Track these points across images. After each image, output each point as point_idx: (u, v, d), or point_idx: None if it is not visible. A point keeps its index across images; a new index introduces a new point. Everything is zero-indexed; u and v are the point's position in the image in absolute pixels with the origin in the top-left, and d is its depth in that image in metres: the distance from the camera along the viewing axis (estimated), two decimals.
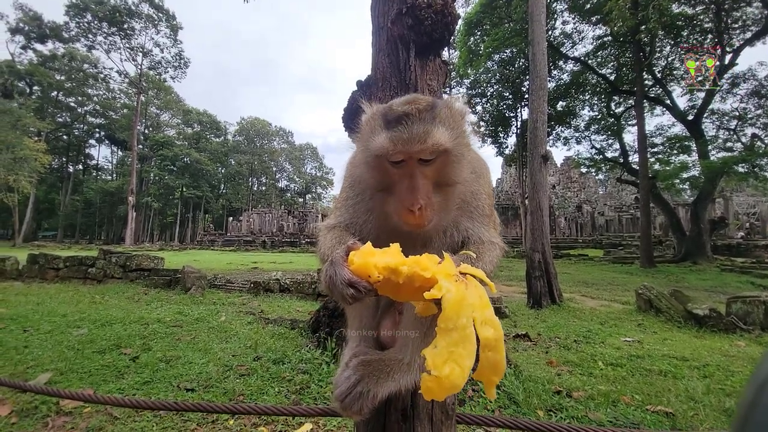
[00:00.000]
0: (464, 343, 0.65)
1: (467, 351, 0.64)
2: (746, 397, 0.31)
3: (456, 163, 0.96)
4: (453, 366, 0.63)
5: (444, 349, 0.64)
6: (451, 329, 0.65)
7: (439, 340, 0.66)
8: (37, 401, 2.81)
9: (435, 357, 0.64)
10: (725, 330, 5.74)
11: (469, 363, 0.64)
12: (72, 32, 46.28)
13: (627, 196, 40.25)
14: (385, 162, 0.92)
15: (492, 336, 0.67)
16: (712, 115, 22.50)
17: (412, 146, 0.88)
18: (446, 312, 0.66)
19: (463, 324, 0.65)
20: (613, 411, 2.91)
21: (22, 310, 5.93)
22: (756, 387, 0.30)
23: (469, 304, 0.67)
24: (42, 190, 50.30)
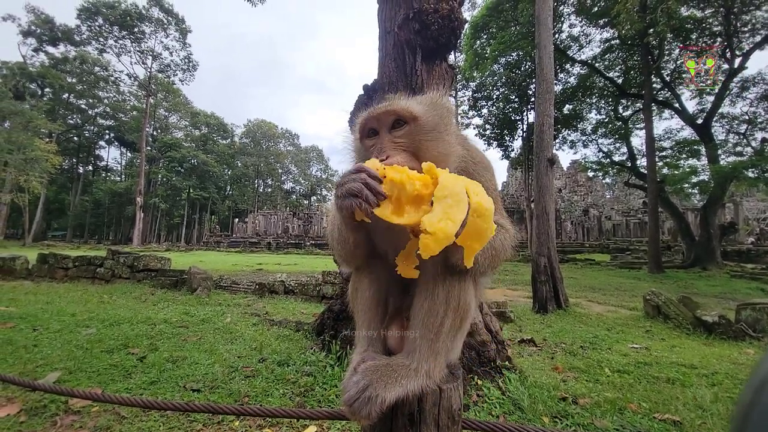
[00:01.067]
0: (458, 205, 0.71)
1: (460, 210, 0.71)
2: (745, 398, 0.31)
3: (431, 134, 1.00)
4: (446, 221, 0.70)
5: (439, 212, 0.71)
6: (446, 196, 0.72)
7: (435, 207, 0.72)
8: (45, 400, 2.84)
9: (430, 218, 0.71)
10: (734, 337, 5.65)
11: (460, 217, 0.70)
12: (83, 35, 47.21)
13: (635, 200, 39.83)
14: (365, 141, 1.02)
15: (484, 203, 0.72)
16: (722, 119, 22.23)
17: (380, 110, 0.99)
18: (442, 183, 0.73)
19: (457, 191, 0.72)
20: (619, 418, 2.88)
21: (32, 309, 6.02)
22: (754, 388, 0.30)
23: (463, 180, 0.75)
24: (52, 190, 51.13)
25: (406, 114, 0.99)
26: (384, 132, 0.99)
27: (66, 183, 57.02)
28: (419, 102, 1.04)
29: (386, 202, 0.78)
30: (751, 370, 0.32)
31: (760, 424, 0.29)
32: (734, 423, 0.31)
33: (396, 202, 0.78)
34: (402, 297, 1.09)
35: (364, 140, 1.02)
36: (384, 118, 0.99)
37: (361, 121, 1.02)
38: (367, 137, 1.01)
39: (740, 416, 0.30)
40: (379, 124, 1.00)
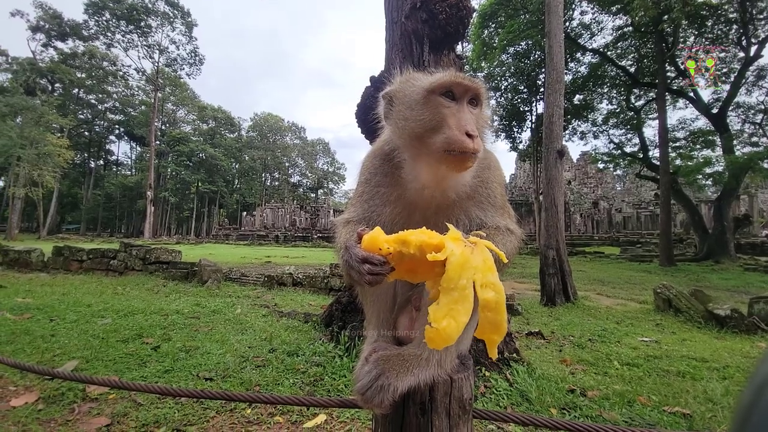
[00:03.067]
0: (462, 302, 0.71)
1: (464, 309, 0.70)
2: (745, 398, 0.30)
3: (485, 125, 1.05)
4: (450, 320, 0.70)
5: (444, 306, 0.71)
6: (452, 289, 0.72)
7: (441, 298, 0.72)
8: (63, 388, 2.93)
9: (436, 312, 0.71)
10: (747, 331, 5.56)
11: (464, 319, 0.70)
12: (91, 30, 47.52)
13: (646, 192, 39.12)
14: (437, 97, 0.99)
15: (492, 298, 0.71)
16: (738, 108, 21.61)
17: (473, 82, 1.00)
18: (448, 273, 0.72)
19: (463, 285, 0.71)
20: (628, 411, 2.88)
21: (48, 300, 6.19)
22: (755, 388, 0.30)
23: (471, 266, 0.73)
24: (65, 184, 52.12)
25: (482, 99, 1.04)
26: (464, 102, 1.00)
27: (78, 177, 58.06)
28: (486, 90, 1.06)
29: (398, 268, 0.79)
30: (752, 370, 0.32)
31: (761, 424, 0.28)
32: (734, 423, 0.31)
33: (408, 265, 0.78)
34: (411, 287, 1.10)
35: (440, 97, 0.99)
36: (471, 90, 1.00)
37: (448, 79, 0.98)
38: (444, 96, 0.99)
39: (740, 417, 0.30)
40: (463, 92, 1.00)
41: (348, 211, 1.16)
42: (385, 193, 1.10)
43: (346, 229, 1.07)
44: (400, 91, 1.06)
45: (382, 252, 0.77)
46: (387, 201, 1.09)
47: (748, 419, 0.29)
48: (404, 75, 1.09)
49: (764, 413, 0.28)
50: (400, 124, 1.03)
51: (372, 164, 1.15)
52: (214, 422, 2.56)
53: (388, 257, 0.77)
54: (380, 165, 1.13)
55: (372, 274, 0.77)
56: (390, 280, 0.81)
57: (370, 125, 5.20)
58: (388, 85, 1.12)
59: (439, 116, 0.97)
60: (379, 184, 1.11)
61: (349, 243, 0.81)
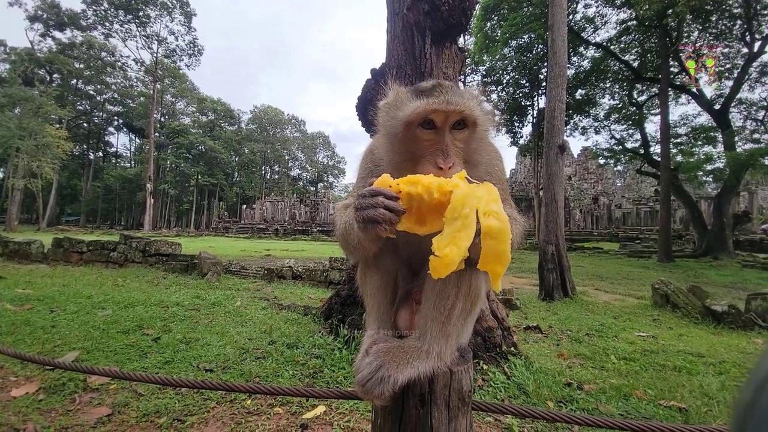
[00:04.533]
0: (465, 229, 0.72)
1: (466, 235, 0.72)
2: (744, 397, 0.30)
3: (480, 141, 1.00)
4: (452, 247, 0.71)
5: (448, 235, 0.72)
6: (455, 218, 0.73)
7: (445, 228, 0.74)
8: (64, 378, 2.94)
9: (439, 241, 0.73)
10: (743, 327, 5.60)
11: (466, 244, 0.72)
12: (89, 20, 46.93)
13: (646, 188, 39.12)
14: (416, 129, 0.94)
15: (495, 225, 0.72)
16: (740, 105, 21.48)
17: (448, 105, 0.91)
18: (453, 204, 0.74)
19: (466, 213, 0.72)
20: (624, 404, 2.91)
21: (49, 291, 6.20)
22: (754, 387, 0.29)
23: (476, 197, 0.74)
24: (64, 176, 51.98)
25: (471, 119, 0.95)
26: (447, 130, 0.93)
27: (77, 169, 57.88)
28: (473, 101, 0.97)
29: (407, 215, 0.79)
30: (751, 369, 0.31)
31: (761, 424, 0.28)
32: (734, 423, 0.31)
33: (417, 213, 0.78)
34: (411, 280, 1.10)
35: (418, 130, 0.93)
36: (452, 115, 0.93)
37: (423, 109, 0.91)
38: (423, 128, 0.93)
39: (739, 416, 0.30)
40: (443, 120, 0.93)
41: (350, 194, 1.16)
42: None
43: (345, 212, 1.06)
44: (382, 115, 1.02)
45: (393, 189, 0.78)
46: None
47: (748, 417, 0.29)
48: (392, 93, 1.02)
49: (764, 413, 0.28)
50: (382, 149, 1.02)
51: (367, 165, 1.15)
52: (215, 412, 2.59)
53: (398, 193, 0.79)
54: (373, 168, 1.12)
55: (386, 208, 0.77)
56: (400, 228, 0.80)
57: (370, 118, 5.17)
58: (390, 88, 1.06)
59: (417, 148, 0.94)
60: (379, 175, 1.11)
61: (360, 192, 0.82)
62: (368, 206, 0.78)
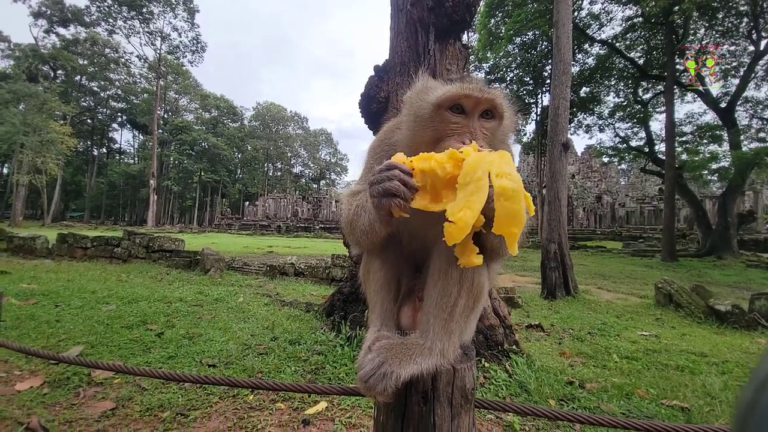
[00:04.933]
0: (478, 192, 0.72)
1: (479, 198, 0.72)
2: (745, 397, 0.30)
3: (504, 137, 1.01)
4: (466, 210, 0.71)
5: (461, 200, 0.72)
6: (468, 183, 0.73)
7: (458, 194, 0.74)
8: (68, 372, 2.97)
9: (453, 207, 0.73)
10: (747, 327, 5.57)
11: (479, 206, 0.71)
12: (93, 16, 47.04)
13: (650, 187, 38.87)
14: (444, 112, 0.94)
15: (508, 185, 0.71)
16: (746, 103, 21.27)
17: (481, 92, 0.93)
18: (465, 169, 0.73)
19: (478, 177, 0.72)
20: (626, 403, 2.90)
21: (53, 286, 6.26)
22: (755, 387, 0.29)
23: (487, 161, 0.73)
24: (69, 172, 52.27)
25: (501, 111, 0.97)
26: (475, 116, 0.95)
27: (81, 165, 58.17)
28: (503, 94, 0.99)
29: (422, 193, 0.78)
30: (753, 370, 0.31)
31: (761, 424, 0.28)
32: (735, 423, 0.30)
33: (431, 190, 0.77)
34: (414, 277, 1.10)
35: (447, 112, 0.94)
36: (483, 102, 0.94)
37: (455, 92, 0.92)
38: (452, 111, 0.94)
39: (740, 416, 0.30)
40: (473, 105, 0.94)
41: (357, 183, 1.15)
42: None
43: (354, 198, 1.05)
44: (410, 100, 1.03)
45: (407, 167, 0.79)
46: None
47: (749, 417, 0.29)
48: (420, 82, 1.04)
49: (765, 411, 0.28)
50: (407, 134, 1.01)
51: (381, 151, 1.13)
52: (218, 407, 2.61)
53: (412, 170, 0.79)
54: (388, 151, 1.09)
55: (401, 182, 0.77)
56: (414, 205, 0.80)
57: (373, 115, 5.14)
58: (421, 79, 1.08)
59: (443, 132, 0.94)
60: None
61: (374, 170, 0.83)
62: (384, 179, 0.78)
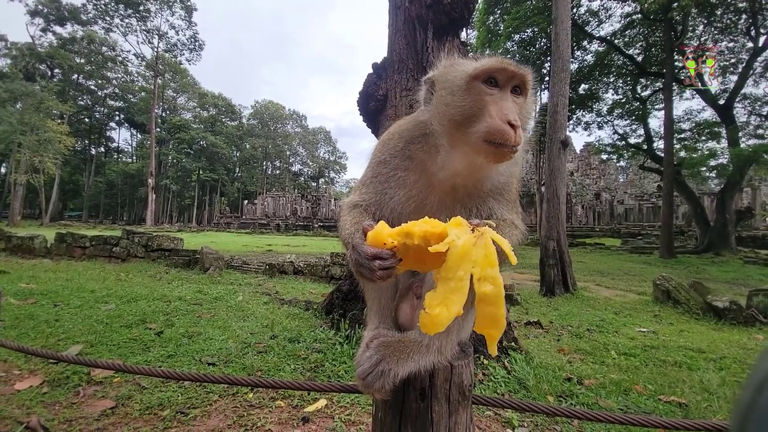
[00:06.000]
0: (457, 292, 0.71)
1: (458, 299, 0.71)
2: (744, 398, 0.30)
3: (528, 115, 1.01)
4: (442, 309, 0.71)
5: (440, 294, 0.72)
6: (449, 278, 0.72)
7: (438, 286, 0.73)
8: (68, 371, 2.97)
9: (431, 298, 0.72)
10: (745, 323, 5.60)
11: (456, 309, 0.71)
12: (90, 14, 46.80)
13: (649, 184, 38.90)
14: (479, 84, 0.95)
15: (490, 292, 0.71)
16: (744, 100, 21.28)
17: (516, 67, 0.95)
18: (448, 263, 0.73)
19: (460, 276, 0.72)
20: (624, 399, 2.92)
21: (52, 285, 6.24)
22: (754, 387, 0.29)
23: (471, 259, 0.73)
24: (66, 171, 52.05)
25: (528, 86, 0.99)
26: (507, 90, 0.96)
27: (79, 164, 57.97)
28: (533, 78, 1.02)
29: (405, 261, 0.79)
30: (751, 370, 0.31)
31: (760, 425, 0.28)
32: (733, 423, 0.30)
33: (415, 256, 0.77)
34: (412, 275, 1.10)
35: (482, 84, 0.95)
36: (516, 77, 0.96)
37: (492, 64, 0.94)
38: (486, 84, 0.95)
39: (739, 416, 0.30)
40: (507, 79, 0.95)
41: (356, 192, 1.14)
42: (401, 177, 1.08)
43: (351, 214, 1.06)
44: (442, 76, 1.03)
45: (387, 246, 0.77)
46: (402, 184, 1.07)
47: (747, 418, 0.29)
48: (448, 59, 1.06)
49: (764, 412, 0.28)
50: (441, 110, 1.00)
51: (394, 145, 1.12)
52: (217, 405, 2.61)
53: (394, 250, 0.77)
54: (403, 147, 1.10)
55: (383, 269, 0.77)
56: (400, 272, 0.81)
57: (371, 113, 5.12)
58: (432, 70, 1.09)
59: (480, 104, 0.94)
60: (398, 167, 1.09)
61: (356, 241, 0.80)
62: (365, 269, 0.78)
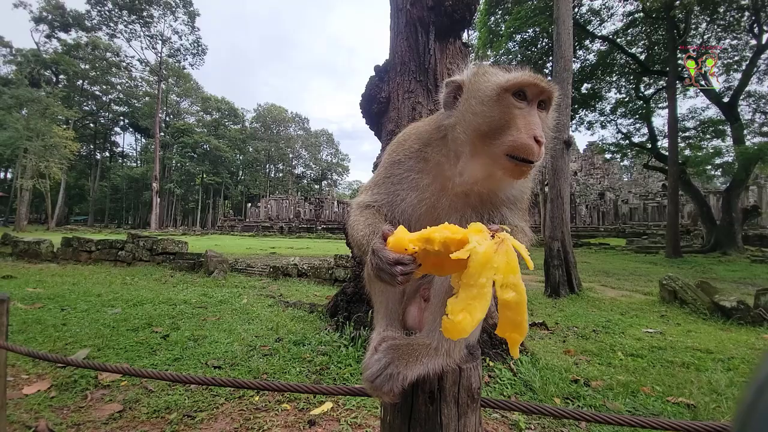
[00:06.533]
0: (480, 299, 0.71)
1: (480, 306, 0.71)
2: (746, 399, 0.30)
3: (549, 131, 1.02)
4: (465, 315, 0.71)
5: (462, 300, 0.72)
6: (471, 285, 0.72)
7: (460, 293, 0.74)
8: (76, 375, 2.99)
9: (454, 305, 0.73)
10: (752, 323, 5.54)
11: (479, 316, 0.71)
12: (94, 21, 47.32)
13: (653, 183, 38.60)
14: (508, 97, 0.96)
15: (512, 299, 0.72)
16: (749, 98, 21.13)
17: (546, 83, 0.97)
18: (469, 270, 0.73)
19: (482, 283, 0.72)
20: (632, 401, 2.90)
21: (59, 290, 6.30)
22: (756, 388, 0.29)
23: (493, 266, 0.73)
24: (72, 176, 52.59)
25: (553, 103, 1.01)
26: (534, 105, 0.96)
27: (85, 169, 58.51)
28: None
29: (424, 266, 0.79)
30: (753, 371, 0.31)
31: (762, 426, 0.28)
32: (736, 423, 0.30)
33: (434, 260, 0.78)
34: (420, 277, 1.10)
35: (512, 97, 0.95)
36: (545, 93, 0.97)
37: (525, 79, 0.95)
38: (515, 97, 0.95)
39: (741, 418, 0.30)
40: (536, 94, 0.96)
41: (368, 192, 1.14)
42: (415, 178, 1.08)
43: (364, 215, 1.06)
44: (471, 83, 1.03)
45: (408, 252, 0.77)
46: (415, 187, 1.07)
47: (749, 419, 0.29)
48: (478, 67, 1.07)
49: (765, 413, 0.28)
50: (468, 118, 1.00)
51: (410, 146, 1.11)
52: (224, 409, 2.62)
53: (414, 255, 0.77)
54: (419, 149, 1.09)
55: (404, 275, 0.77)
56: (417, 276, 0.81)
57: (374, 115, 5.13)
58: (457, 74, 1.09)
59: (508, 116, 0.94)
60: (411, 168, 1.09)
61: (377, 246, 0.80)
62: (385, 274, 0.79)
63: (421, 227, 0.80)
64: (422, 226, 0.80)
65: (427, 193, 1.06)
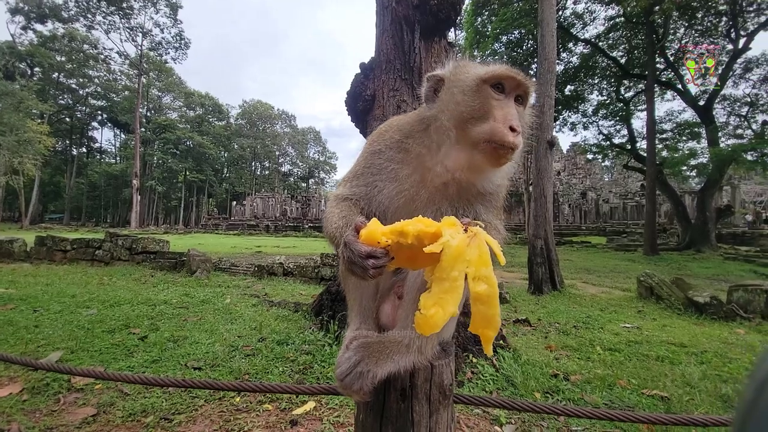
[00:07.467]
0: (452, 292, 0.71)
1: (452, 299, 0.71)
2: (746, 397, 0.30)
3: (526, 124, 1.06)
4: (438, 309, 0.71)
5: (435, 295, 0.72)
6: (444, 279, 0.72)
7: (432, 287, 0.73)
8: (48, 378, 2.89)
9: (426, 299, 0.72)
10: (725, 318, 5.77)
11: (451, 309, 0.71)
12: (71, 11, 45.42)
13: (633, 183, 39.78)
14: (487, 88, 0.99)
15: (484, 291, 0.71)
16: (724, 101, 21.96)
17: (523, 77, 1.01)
18: (442, 263, 0.73)
19: (454, 276, 0.72)
20: (609, 394, 2.98)
21: (32, 290, 6.06)
22: (756, 386, 0.30)
23: (465, 259, 0.73)
24: (47, 172, 50.54)
25: (530, 97, 1.05)
26: (511, 98, 1.01)
27: (60, 165, 56.34)
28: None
29: (397, 259, 0.79)
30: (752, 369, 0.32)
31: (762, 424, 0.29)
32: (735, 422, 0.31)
33: (407, 253, 0.78)
34: (393, 274, 1.10)
35: (490, 89, 0.99)
36: (522, 86, 1.01)
37: (502, 71, 1.00)
38: (493, 89, 0.99)
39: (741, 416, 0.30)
40: (513, 87, 1.01)
41: (346, 185, 1.14)
42: (394, 169, 1.08)
43: (339, 207, 1.06)
44: (453, 76, 1.06)
45: (381, 245, 0.76)
46: (394, 177, 1.08)
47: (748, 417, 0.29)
48: (458, 61, 1.11)
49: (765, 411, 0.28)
50: (451, 107, 1.02)
51: (390, 137, 1.12)
52: (203, 410, 2.57)
53: (387, 248, 0.77)
54: (400, 139, 1.10)
55: (375, 268, 0.77)
56: (390, 269, 0.81)
57: (359, 113, 5.10)
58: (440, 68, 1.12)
59: (486, 106, 0.98)
60: (391, 159, 1.09)
61: (349, 239, 0.80)
62: (358, 267, 0.79)
63: (397, 220, 0.79)
64: (398, 220, 0.80)
65: (406, 185, 1.06)
